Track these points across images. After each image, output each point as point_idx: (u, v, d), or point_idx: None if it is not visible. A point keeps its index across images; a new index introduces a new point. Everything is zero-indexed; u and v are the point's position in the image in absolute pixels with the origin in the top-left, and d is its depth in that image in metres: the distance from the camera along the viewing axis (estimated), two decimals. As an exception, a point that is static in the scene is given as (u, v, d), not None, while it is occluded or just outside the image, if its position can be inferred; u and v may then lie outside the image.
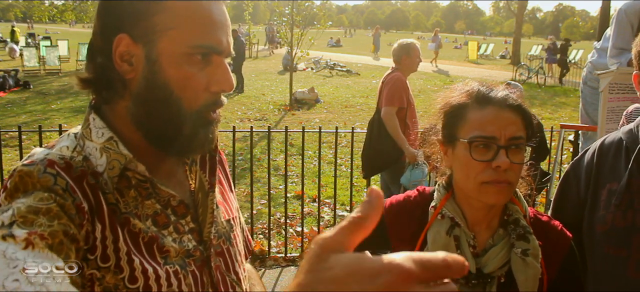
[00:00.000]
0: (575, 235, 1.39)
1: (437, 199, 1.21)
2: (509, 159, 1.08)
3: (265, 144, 5.04)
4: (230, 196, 1.08)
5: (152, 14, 0.81)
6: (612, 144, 1.38)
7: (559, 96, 14.32)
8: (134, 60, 0.82)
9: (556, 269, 1.17)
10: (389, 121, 3.89)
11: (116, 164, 0.82)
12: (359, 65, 22.19)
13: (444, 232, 1.15)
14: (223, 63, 0.86)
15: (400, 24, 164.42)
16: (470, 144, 1.11)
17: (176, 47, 0.82)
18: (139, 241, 0.82)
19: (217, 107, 0.88)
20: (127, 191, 0.83)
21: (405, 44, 4.09)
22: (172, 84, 0.82)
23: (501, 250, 1.13)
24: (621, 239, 1.27)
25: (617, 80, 3.60)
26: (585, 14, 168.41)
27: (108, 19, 0.83)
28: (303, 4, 11.53)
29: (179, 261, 0.86)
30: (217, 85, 0.85)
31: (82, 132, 0.86)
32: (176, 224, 0.88)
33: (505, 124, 1.10)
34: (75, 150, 0.84)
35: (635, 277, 1.25)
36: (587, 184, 1.38)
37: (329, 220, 4.87)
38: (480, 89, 1.17)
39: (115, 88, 0.84)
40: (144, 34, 0.81)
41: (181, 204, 0.90)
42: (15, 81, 13.35)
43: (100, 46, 0.84)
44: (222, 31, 0.85)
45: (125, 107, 0.85)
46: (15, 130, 4.22)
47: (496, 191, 1.09)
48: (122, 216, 0.81)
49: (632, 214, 1.26)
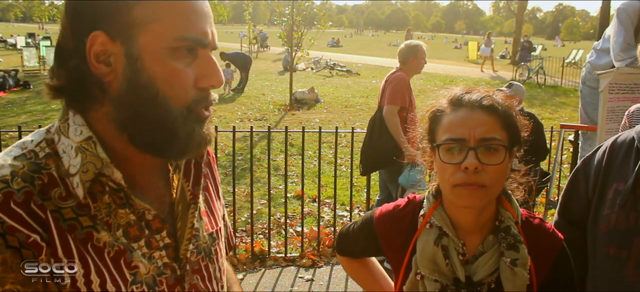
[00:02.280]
0: (580, 231, 1.40)
1: (426, 207, 1.21)
2: (478, 160, 1.07)
3: (265, 144, 5.04)
4: (216, 203, 0.99)
5: (130, 7, 0.73)
6: (624, 143, 1.37)
7: (559, 96, 14.32)
8: (112, 59, 0.74)
9: (547, 271, 1.17)
10: (390, 120, 3.90)
11: (91, 168, 0.75)
12: (359, 65, 22.20)
13: (431, 242, 1.15)
14: (210, 56, 0.80)
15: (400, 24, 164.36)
16: (440, 147, 1.12)
17: (159, 41, 0.74)
18: (103, 256, 0.75)
19: (207, 104, 0.81)
20: (101, 196, 0.76)
21: (413, 45, 4.10)
22: (158, 82, 0.75)
23: (491, 258, 1.13)
24: (622, 239, 1.27)
25: (617, 81, 3.61)
26: (585, 14, 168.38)
27: (79, 16, 0.74)
28: (303, 4, 11.53)
29: (149, 280, 0.79)
30: (206, 80, 0.78)
31: (59, 125, 0.79)
32: (149, 239, 0.81)
33: (475, 125, 1.09)
34: (39, 145, 0.77)
35: (633, 279, 1.24)
36: (595, 182, 1.38)
37: (329, 220, 4.87)
38: (456, 93, 1.16)
39: (92, 94, 0.76)
40: (122, 30, 0.73)
41: (156, 218, 0.82)
42: (15, 81, 13.36)
43: (72, 48, 0.75)
44: (206, 22, 0.78)
45: (106, 113, 0.77)
46: (15, 130, 4.22)
47: (467, 193, 1.08)
48: (83, 231, 0.74)
49: (635, 215, 1.26)
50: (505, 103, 1.14)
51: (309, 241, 4.40)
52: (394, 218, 1.26)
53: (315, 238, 4.34)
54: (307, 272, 3.98)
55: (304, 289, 3.73)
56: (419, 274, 1.15)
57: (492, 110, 1.11)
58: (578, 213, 1.43)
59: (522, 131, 1.16)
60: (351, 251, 1.43)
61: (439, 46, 44.20)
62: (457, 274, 1.12)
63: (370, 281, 1.42)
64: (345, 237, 1.43)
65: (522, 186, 1.22)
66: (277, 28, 12.52)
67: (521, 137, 1.15)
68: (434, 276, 1.13)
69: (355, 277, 1.48)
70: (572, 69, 19.12)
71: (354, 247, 1.41)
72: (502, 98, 1.15)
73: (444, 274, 1.13)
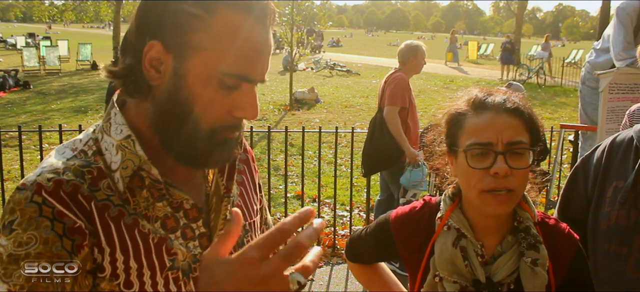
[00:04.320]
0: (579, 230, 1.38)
1: (443, 209, 1.20)
2: (507, 165, 1.05)
3: (266, 144, 5.04)
4: (252, 197, 1.04)
5: (191, 30, 0.77)
6: (623, 142, 1.37)
7: (558, 96, 14.32)
8: (163, 68, 0.79)
9: (564, 273, 1.17)
10: (391, 121, 3.90)
11: (130, 164, 0.81)
12: (359, 65, 22.21)
13: (450, 243, 1.14)
14: (252, 90, 0.81)
15: (400, 24, 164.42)
16: (467, 152, 1.09)
17: (206, 69, 0.77)
18: (148, 241, 0.81)
19: (235, 129, 0.84)
20: (140, 190, 0.82)
21: (414, 45, 4.10)
22: (195, 103, 0.79)
23: (510, 258, 1.12)
24: (623, 236, 1.27)
25: (617, 81, 3.61)
26: (585, 14, 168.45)
27: (146, 20, 0.79)
28: (303, 4, 11.54)
29: (185, 266, 0.84)
30: (242, 111, 0.81)
31: (102, 125, 0.85)
32: (185, 229, 0.86)
33: (502, 129, 1.08)
34: (87, 144, 0.83)
35: (634, 276, 1.25)
36: (594, 181, 1.38)
37: (329, 220, 4.87)
38: (478, 95, 1.14)
39: (141, 89, 0.82)
40: (178, 47, 0.78)
41: (194, 207, 0.87)
42: (15, 81, 13.37)
43: (133, 44, 0.81)
44: (260, 59, 0.80)
45: (147, 108, 0.83)
46: (15, 130, 4.23)
47: (496, 201, 1.07)
48: (130, 217, 0.80)
49: (635, 213, 1.27)
50: (525, 104, 1.13)
51: (309, 241, 4.40)
52: (410, 220, 1.25)
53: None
54: (307, 272, 3.98)
55: (303, 289, 3.73)
56: (438, 275, 1.15)
57: (517, 113, 1.10)
58: (578, 211, 1.43)
59: (542, 129, 1.16)
60: (363, 256, 1.41)
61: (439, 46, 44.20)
62: (477, 275, 1.12)
63: (383, 287, 1.41)
64: (356, 242, 1.41)
65: (537, 185, 1.21)
66: (277, 28, 12.52)
67: (541, 137, 1.15)
68: (453, 277, 1.13)
69: (367, 284, 1.45)
70: (572, 69, 19.12)
71: (366, 252, 1.39)
72: (520, 99, 1.14)
73: (463, 275, 1.12)
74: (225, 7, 0.77)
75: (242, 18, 0.78)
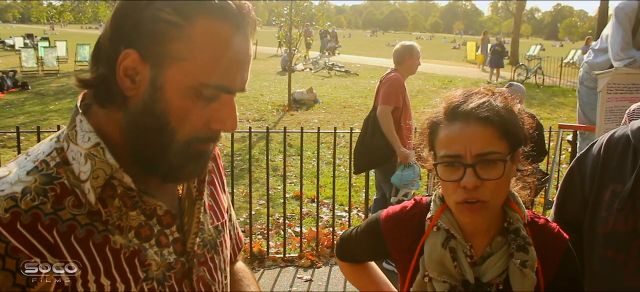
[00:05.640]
0: (576, 233, 1.36)
1: (433, 210, 1.20)
2: (476, 177, 1.04)
3: (264, 145, 5.04)
4: (221, 196, 1.02)
5: (169, 39, 0.73)
6: (620, 141, 1.33)
7: (557, 96, 14.34)
8: (139, 78, 0.75)
9: (554, 273, 1.17)
10: (383, 120, 3.92)
11: (101, 174, 0.76)
12: (358, 65, 22.20)
13: (439, 244, 1.14)
14: (231, 102, 0.79)
15: (399, 25, 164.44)
16: (437, 165, 1.10)
17: (184, 79, 0.74)
18: (120, 257, 0.77)
19: (211, 142, 0.82)
20: (111, 200, 0.78)
21: (409, 45, 4.13)
22: (171, 114, 0.75)
23: (500, 259, 1.12)
24: (620, 243, 1.25)
25: (615, 81, 3.62)
26: (584, 14, 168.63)
27: (122, 27, 0.75)
28: (301, 4, 11.53)
29: (159, 275, 0.81)
30: (220, 123, 0.79)
31: (67, 133, 0.80)
32: (159, 237, 0.83)
33: (470, 140, 1.05)
34: (49, 155, 0.78)
35: (631, 283, 1.23)
36: (591, 182, 1.35)
37: (327, 220, 4.87)
38: (452, 102, 1.11)
39: (114, 99, 0.77)
40: (155, 56, 0.74)
41: (167, 213, 0.84)
42: (13, 82, 13.33)
43: (107, 52, 0.77)
44: (239, 70, 0.78)
45: (119, 118, 0.79)
46: (13, 131, 4.22)
47: (469, 212, 1.07)
48: (100, 235, 0.76)
49: (633, 218, 1.24)
50: (503, 107, 1.10)
51: (307, 242, 4.40)
52: (401, 220, 1.25)
53: (314, 238, 4.34)
54: (306, 272, 3.98)
55: (302, 290, 3.73)
56: (427, 276, 1.15)
57: (488, 121, 1.06)
58: (574, 213, 1.40)
59: (525, 130, 1.14)
60: (354, 255, 1.41)
61: (437, 46, 44.25)
62: (466, 276, 1.12)
63: (372, 286, 1.40)
64: (347, 241, 1.41)
65: (528, 185, 1.20)
66: (275, 28, 12.52)
67: (525, 137, 1.13)
68: (442, 278, 1.13)
69: (356, 283, 1.45)
70: (570, 69, 19.14)
71: (357, 251, 1.39)
72: (501, 100, 1.11)
73: (453, 276, 1.12)
74: (205, 16, 0.74)
75: (223, 27, 0.75)
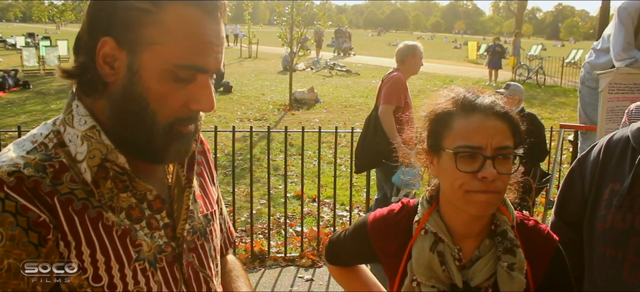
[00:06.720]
0: (577, 233, 1.38)
1: (420, 213, 1.19)
2: (495, 170, 1.04)
3: (265, 144, 5.04)
4: (211, 188, 1.06)
5: (142, 25, 0.78)
6: (619, 142, 1.35)
7: (558, 96, 14.33)
8: (117, 64, 0.80)
9: (543, 274, 1.16)
10: (385, 119, 3.91)
11: (97, 153, 0.81)
12: (359, 65, 22.19)
13: (427, 248, 1.13)
14: (207, 82, 0.83)
15: (400, 24, 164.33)
16: (456, 155, 1.07)
17: (159, 62, 0.79)
18: (112, 234, 0.81)
19: (191, 122, 0.86)
20: (104, 182, 0.82)
21: (412, 45, 4.14)
22: (150, 97, 0.80)
23: (488, 262, 1.11)
24: (618, 240, 1.26)
25: (616, 81, 3.61)
26: (585, 14, 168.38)
27: (97, 18, 0.80)
28: (303, 4, 11.53)
29: (151, 257, 0.85)
30: (197, 104, 0.83)
31: (63, 117, 0.85)
32: (150, 219, 0.87)
33: (492, 133, 1.06)
34: (47, 137, 0.83)
35: (629, 280, 1.23)
36: (591, 182, 1.36)
37: (328, 220, 4.87)
38: (467, 96, 1.12)
39: (96, 87, 0.83)
40: (130, 42, 0.79)
41: (157, 198, 0.88)
42: (14, 81, 13.34)
43: (86, 43, 0.82)
44: (212, 51, 0.82)
45: (103, 106, 0.84)
46: (14, 130, 4.22)
47: (483, 200, 1.06)
48: (94, 210, 0.80)
49: (631, 216, 1.25)
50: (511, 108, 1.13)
51: (308, 241, 4.41)
52: (388, 223, 1.24)
53: (315, 238, 4.34)
54: (307, 272, 3.98)
55: (303, 289, 3.73)
56: (415, 280, 1.14)
57: (505, 118, 1.09)
58: (574, 213, 1.41)
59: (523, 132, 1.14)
60: (342, 258, 1.40)
61: (439, 46, 44.22)
62: (454, 280, 1.11)
63: (362, 288, 1.40)
64: (335, 245, 1.40)
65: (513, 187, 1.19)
66: (276, 28, 12.52)
67: (523, 139, 1.14)
68: (430, 282, 1.12)
69: (346, 286, 1.45)
70: (571, 69, 19.12)
71: (345, 254, 1.38)
72: (505, 101, 1.13)
73: (441, 280, 1.12)
74: (175, 1, 0.79)
75: (193, 10, 0.79)
